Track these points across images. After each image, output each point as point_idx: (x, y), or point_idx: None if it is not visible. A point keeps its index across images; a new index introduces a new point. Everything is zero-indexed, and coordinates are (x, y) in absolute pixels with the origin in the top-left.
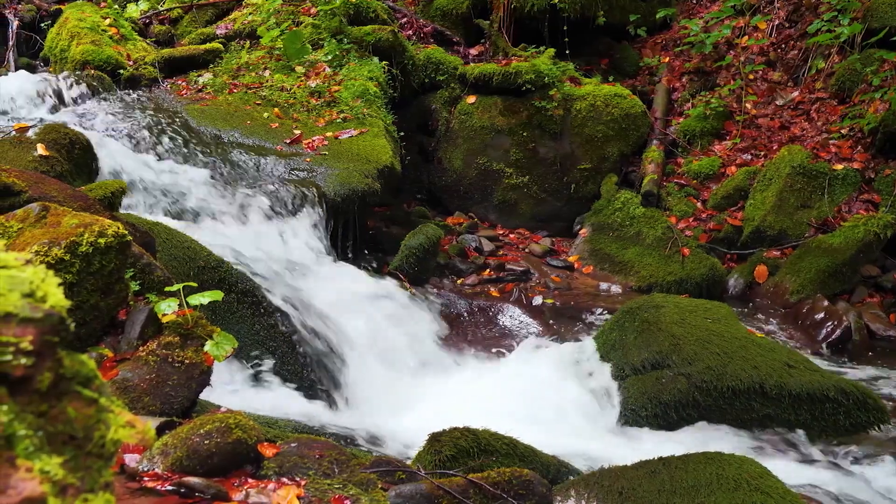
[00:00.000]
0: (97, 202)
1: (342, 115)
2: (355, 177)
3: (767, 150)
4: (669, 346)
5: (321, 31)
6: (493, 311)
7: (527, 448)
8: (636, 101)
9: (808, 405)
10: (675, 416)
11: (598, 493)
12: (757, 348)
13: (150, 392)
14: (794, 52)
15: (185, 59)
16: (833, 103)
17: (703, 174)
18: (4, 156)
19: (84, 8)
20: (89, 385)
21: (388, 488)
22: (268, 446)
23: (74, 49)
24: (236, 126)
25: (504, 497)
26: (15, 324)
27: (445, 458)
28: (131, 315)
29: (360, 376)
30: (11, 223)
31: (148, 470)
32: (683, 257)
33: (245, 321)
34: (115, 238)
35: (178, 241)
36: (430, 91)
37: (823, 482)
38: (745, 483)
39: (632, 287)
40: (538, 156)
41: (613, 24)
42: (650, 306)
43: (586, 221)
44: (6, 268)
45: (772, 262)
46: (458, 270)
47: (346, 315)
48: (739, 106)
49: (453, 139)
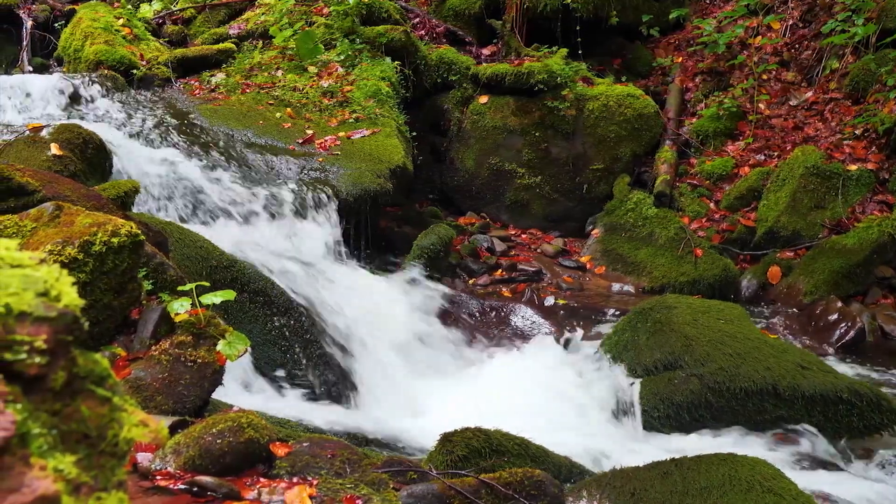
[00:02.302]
0: (110, 201)
1: (354, 115)
2: (367, 177)
3: (781, 150)
4: (682, 347)
5: (334, 31)
6: (505, 312)
7: (539, 448)
8: (649, 101)
9: (822, 407)
10: (687, 417)
11: (609, 493)
12: (770, 349)
13: (162, 391)
14: (808, 52)
15: (198, 59)
16: (847, 104)
17: (717, 175)
18: (18, 155)
19: (98, 8)
20: (103, 384)
21: (399, 488)
22: (280, 446)
23: (88, 49)
24: (249, 126)
25: (516, 497)
26: (29, 323)
27: (457, 458)
28: (144, 314)
29: (372, 376)
30: (25, 222)
31: (160, 469)
32: (696, 258)
33: (258, 320)
34: (129, 237)
35: (191, 240)
36: (442, 91)
37: (837, 484)
38: (757, 484)
39: (644, 288)
40: (550, 156)
41: (626, 24)
42: (663, 307)
43: (599, 222)
44: (20, 267)
45: (785, 263)
46: (470, 270)
47: (358, 315)
48: (753, 106)
49: (465, 139)
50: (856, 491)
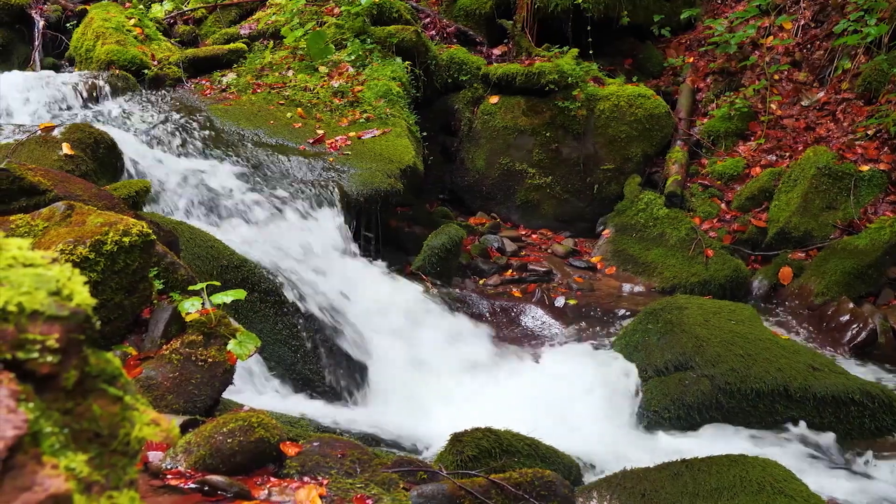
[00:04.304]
0: (121, 201)
1: (365, 115)
2: (378, 177)
3: (792, 150)
4: (693, 348)
5: (344, 31)
6: (516, 312)
7: (549, 449)
8: (660, 101)
9: (833, 408)
10: (697, 418)
11: (620, 494)
12: (781, 350)
13: (173, 390)
14: (820, 53)
15: (209, 59)
16: (859, 104)
17: (728, 175)
18: (30, 155)
19: (109, 8)
20: (114, 383)
21: (409, 488)
22: (290, 445)
23: (99, 49)
24: (260, 126)
25: (526, 498)
26: (41, 321)
27: (467, 458)
28: (155, 314)
29: (383, 376)
30: (37, 222)
31: (171, 468)
32: (707, 258)
33: (268, 320)
34: (140, 237)
35: (202, 240)
36: (452, 91)
37: (848, 485)
38: (768, 486)
39: (655, 288)
40: (561, 156)
41: (637, 24)
42: (673, 307)
43: (609, 222)
44: (33, 266)
45: (796, 264)
46: (480, 271)
47: (369, 315)
48: (764, 106)
49: (476, 139)
50: (867, 492)
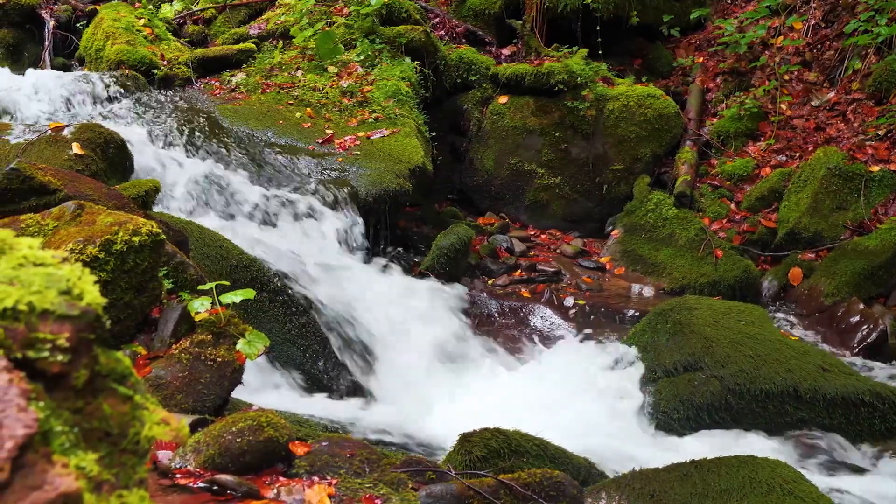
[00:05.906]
0: (131, 201)
1: (374, 115)
2: (387, 177)
3: (802, 151)
4: (702, 349)
5: (354, 32)
6: (524, 312)
7: (557, 449)
8: (669, 101)
9: (843, 409)
10: (707, 419)
11: (629, 495)
12: (791, 351)
13: (182, 390)
14: (831, 53)
15: (219, 59)
16: (870, 104)
17: (737, 175)
18: (40, 154)
19: (119, 8)
20: (124, 382)
21: (418, 488)
22: (299, 445)
23: (109, 49)
24: (269, 126)
25: (535, 498)
26: (52, 321)
27: (476, 458)
28: (164, 313)
29: (392, 376)
30: (47, 221)
31: (180, 467)
32: (717, 259)
33: (277, 320)
34: (149, 236)
35: (211, 239)
36: (461, 91)
37: (858, 487)
38: (778, 487)
39: (664, 289)
40: (570, 156)
41: (647, 24)
42: (683, 308)
43: (618, 222)
44: (43, 265)
45: (806, 265)
46: (489, 271)
47: (378, 314)
48: (774, 107)
49: (485, 139)
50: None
